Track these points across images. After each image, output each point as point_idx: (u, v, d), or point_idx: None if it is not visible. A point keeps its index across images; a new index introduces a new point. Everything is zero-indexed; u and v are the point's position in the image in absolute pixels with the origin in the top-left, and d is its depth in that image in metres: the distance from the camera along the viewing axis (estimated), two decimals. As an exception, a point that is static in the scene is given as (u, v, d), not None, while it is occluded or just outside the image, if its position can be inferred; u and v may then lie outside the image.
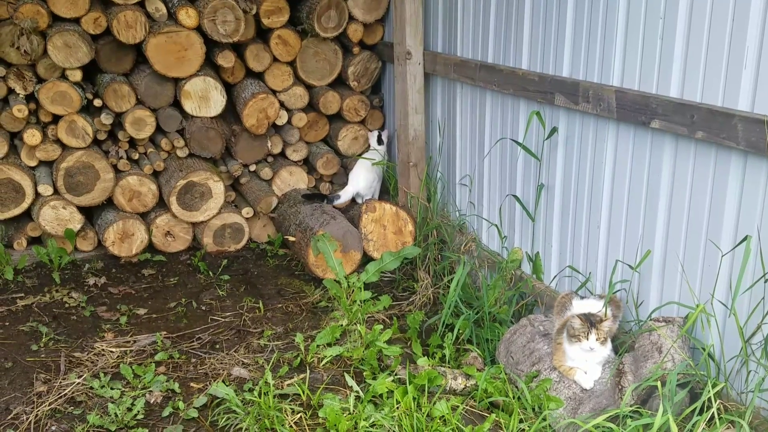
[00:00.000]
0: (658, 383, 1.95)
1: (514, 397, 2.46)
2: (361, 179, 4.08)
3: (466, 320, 3.05)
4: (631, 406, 2.06)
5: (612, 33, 2.56)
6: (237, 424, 2.44)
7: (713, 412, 1.91)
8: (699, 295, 2.25)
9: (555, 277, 3.06)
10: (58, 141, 3.75)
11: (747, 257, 1.94)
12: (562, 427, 2.27)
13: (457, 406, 2.45)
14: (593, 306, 2.62)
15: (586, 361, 2.39)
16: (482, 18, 3.39)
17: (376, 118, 4.48)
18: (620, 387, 2.19)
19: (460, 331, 3.06)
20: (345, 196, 4.02)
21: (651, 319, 2.36)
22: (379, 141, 4.20)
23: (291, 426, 2.43)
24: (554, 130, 2.91)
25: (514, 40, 3.15)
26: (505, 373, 2.66)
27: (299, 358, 2.89)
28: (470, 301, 3.25)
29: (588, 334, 2.30)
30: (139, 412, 2.54)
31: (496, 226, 3.38)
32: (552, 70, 2.92)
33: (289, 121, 4.22)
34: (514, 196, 3.21)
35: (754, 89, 2.01)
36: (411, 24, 3.76)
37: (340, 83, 4.36)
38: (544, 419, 2.28)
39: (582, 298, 2.72)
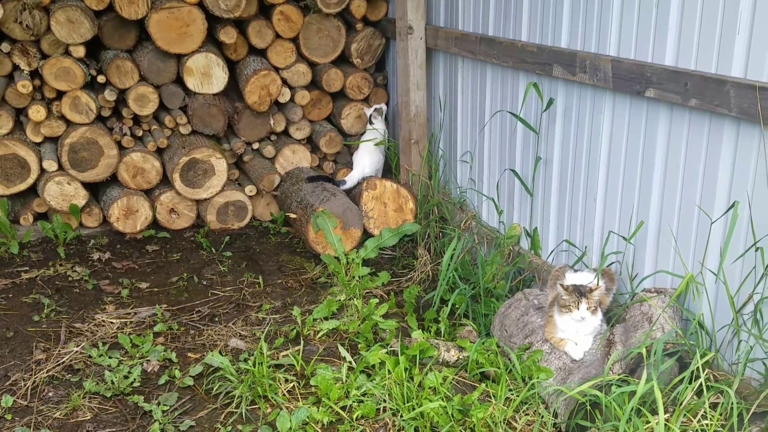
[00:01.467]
0: (643, 350, 1.94)
1: (505, 369, 2.46)
2: (367, 162, 4.07)
3: (462, 295, 3.06)
4: (619, 375, 2.05)
5: (609, 1, 2.52)
6: (230, 392, 2.47)
7: (701, 382, 1.90)
8: (692, 265, 2.23)
9: (552, 251, 3.05)
10: (62, 117, 3.79)
11: (734, 223, 1.92)
12: (548, 395, 2.27)
13: (448, 377, 2.46)
14: (586, 278, 2.60)
15: (576, 332, 2.39)
16: (483, -9, 3.36)
17: (380, 95, 4.46)
18: (609, 357, 2.18)
19: (456, 306, 3.06)
20: (351, 181, 4.00)
21: (643, 290, 2.34)
22: (371, 119, 4.15)
23: (284, 394, 2.45)
24: (551, 101, 2.89)
25: (513, 12, 3.13)
26: (498, 346, 2.67)
27: (295, 331, 2.91)
28: (468, 277, 3.25)
29: (578, 304, 2.29)
30: (135, 380, 2.58)
31: (492, 200, 3.37)
32: (551, 41, 2.90)
33: (292, 99, 4.22)
34: (512, 171, 3.20)
35: (747, 55, 1.98)
36: (412, -1, 3.73)
37: (343, 60, 4.35)
38: (532, 387, 2.28)
39: (576, 271, 2.72)
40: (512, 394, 2.34)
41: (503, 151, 3.35)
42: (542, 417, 2.23)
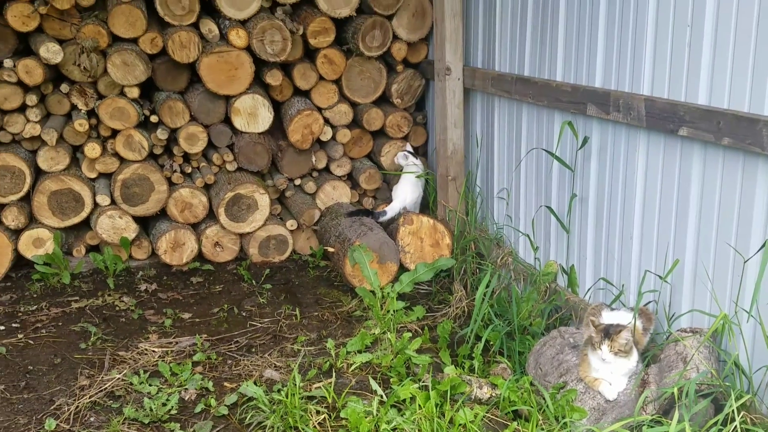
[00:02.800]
0: (675, 391, 1.90)
1: (537, 407, 2.44)
2: (408, 194, 4.14)
3: (497, 331, 3.05)
4: (652, 415, 2.01)
5: (642, 42, 2.55)
6: (263, 422, 2.51)
7: (736, 425, 1.85)
8: (728, 304, 2.19)
9: (589, 289, 3.03)
10: (116, 154, 4.00)
11: (765, 262, 1.89)
12: (579, 435, 2.24)
13: (479, 414, 2.44)
14: (623, 318, 2.57)
15: (611, 373, 2.35)
16: (519, 33, 3.43)
17: (420, 134, 4.55)
18: (644, 398, 2.14)
19: (491, 343, 3.05)
20: (391, 212, 4.07)
21: (678, 330, 2.30)
22: (407, 157, 4.24)
23: (315, 426, 2.48)
24: (586, 139, 2.90)
25: (549, 53, 3.18)
26: (532, 384, 2.64)
27: (329, 363, 2.95)
28: (504, 314, 3.24)
29: (601, 344, 2.27)
30: (173, 407, 2.65)
31: (527, 236, 3.37)
32: (585, 81, 2.93)
33: (333, 137, 4.35)
34: (548, 207, 3.20)
35: (779, 93, 1.97)
36: (451, 41, 3.84)
37: (384, 100, 4.47)
38: (565, 426, 2.25)
39: (612, 309, 2.69)
40: (543, 433, 2.31)
41: (539, 188, 3.37)
42: (573, 457, 2.19)
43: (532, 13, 3.29)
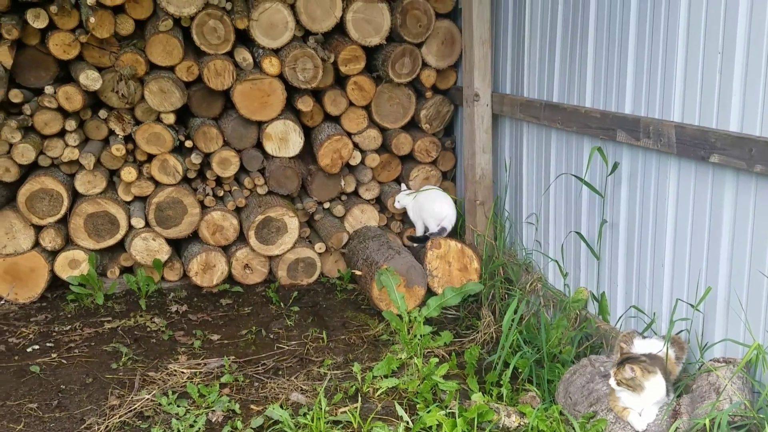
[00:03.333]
0: (707, 422, 1.85)
1: (566, 437, 2.40)
2: (451, 209, 4.10)
3: (525, 358, 3.01)
4: (681, 447, 1.96)
5: (672, 68, 2.54)
6: (288, 446, 2.52)
7: (772, 459, 1.79)
8: (762, 333, 2.14)
9: (620, 317, 2.98)
10: (151, 178, 4.10)
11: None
12: (608, 467, 2.19)
13: (506, 442, 2.41)
14: (655, 346, 2.53)
15: (640, 403, 2.30)
16: (548, 59, 3.45)
17: (448, 158, 4.57)
18: (676, 429, 2.09)
19: (519, 370, 3.02)
20: (449, 227, 4.05)
21: (711, 360, 2.25)
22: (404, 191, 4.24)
23: (339, 451, 2.48)
24: (616, 165, 2.89)
25: (578, 79, 3.18)
26: (561, 413, 2.60)
27: (355, 388, 2.95)
28: (533, 340, 3.21)
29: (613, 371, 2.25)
30: (200, 429, 2.68)
31: (556, 262, 3.34)
32: (614, 107, 2.92)
33: (362, 162, 4.39)
34: (578, 233, 3.18)
35: (811, 119, 1.94)
36: (479, 68, 3.87)
37: (412, 125, 4.51)
38: (592, 458, 2.21)
39: (644, 337, 2.64)
40: (571, 464, 2.26)
41: (569, 214, 3.35)
42: (602, 489, 2.14)
43: (561, 39, 3.31)
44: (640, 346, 2.59)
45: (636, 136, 2.72)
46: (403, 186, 4.35)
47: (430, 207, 4.09)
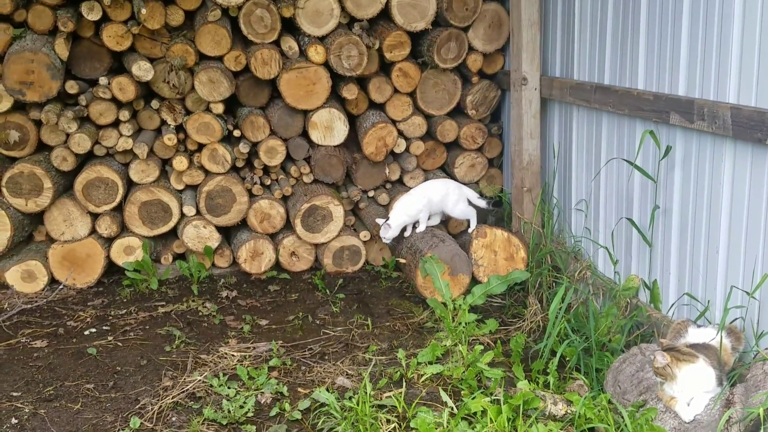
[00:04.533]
0: (761, 411, 1.79)
1: (615, 426, 2.35)
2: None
3: (573, 347, 2.96)
4: (736, 438, 1.90)
5: (727, 48, 2.45)
6: (334, 428, 2.55)
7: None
8: (823, 324, 2.05)
9: (673, 305, 2.90)
10: (201, 167, 4.19)
11: None
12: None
13: (553, 431, 2.38)
14: (709, 335, 2.46)
15: (686, 393, 2.25)
16: (599, 41, 3.36)
17: (494, 145, 4.52)
18: (728, 418, 2.03)
19: (567, 359, 2.97)
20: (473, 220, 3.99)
21: (766, 348, 2.17)
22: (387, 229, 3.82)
23: (384, 434, 2.50)
24: (669, 149, 2.80)
25: (630, 61, 3.10)
26: (609, 402, 2.55)
27: (399, 373, 2.96)
28: (581, 329, 3.15)
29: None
30: (249, 410, 2.74)
31: (606, 249, 3.27)
32: (667, 89, 2.83)
33: (407, 149, 4.38)
34: (629, 220, 3.10)
35: None
36: (527, 51, 3.80)
37: (458, 111, 4.46)
38: (641, 447, 2.16)
39: (699, 326, 2.57)
40: (620, 453, 2.22)
41: (620, 200, 3.27)
42: (652, 479, 2.10)
43: (612, 20, 3.22)
44: (694, 335, 2.52)
45: (690, 119, 2.63)
46: (379, 220, 3.89)
47: (444, 189, 3.92)
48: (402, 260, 3.89)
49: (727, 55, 2.44)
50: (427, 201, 3.89)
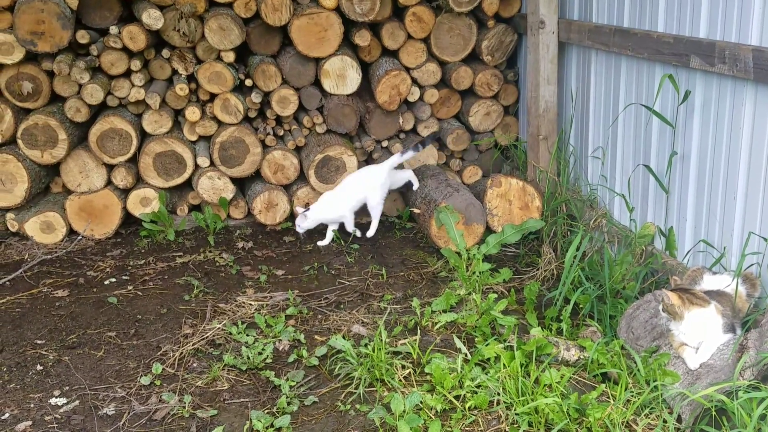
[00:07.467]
0: (776, 357, 1.79)
1: (628, 370, 2.38)
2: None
3: (587, 294, 2.97)
4: (749, 381, 1.92)
5: (753, -14, 2.35)
6: (351, 373, 2.60)
7: None
8: (843, 270, 2.03)
9: (688, 252, 2.89)
10: (214, 118, 4.17)
11: None
12: (672, 398, 2.16)
13: (566, 375, 2.41)
14: (724, 282, 2.45)
15: (694, 337, 2.26)
16: (618, -18, 3.25)
17: (510, 92, 4.44)
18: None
19: (580, 306, 2.99)
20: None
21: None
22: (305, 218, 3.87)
23: (400, 379, 2.55)
24: (688, 93, 2.74)
25: (650, 3, 3.00)
26: (622, 348, 2.57)
27: (414, 321, 3.00)
28: (596, 277, 3.16)
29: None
30: (268, 356, 2.80)
31: (622, 196, 3.24)
32: (688, 32, 2.75)
33: (421, 98, 4.32)
34: (646, 166, 3.06)
35: None
36: (545, -7, 3.69)
37: (473, 58, 4.37)
38: (655, 389, 2.18)
39: (714, 273, 2.56)
40: (633, 397, 2.25)
41: (637, 146, 3.22)
42: (664, 421, 2.13)
43: (632, -40, 3.10)
44: (709, 282, 2.51)
45: (710, 62, 2.56)
46: (299, 209, 3.93)
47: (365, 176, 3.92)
48: (416, 210, 3.89)
49: (752, -7, 2.35)
50: (354, 204, 3.90)
